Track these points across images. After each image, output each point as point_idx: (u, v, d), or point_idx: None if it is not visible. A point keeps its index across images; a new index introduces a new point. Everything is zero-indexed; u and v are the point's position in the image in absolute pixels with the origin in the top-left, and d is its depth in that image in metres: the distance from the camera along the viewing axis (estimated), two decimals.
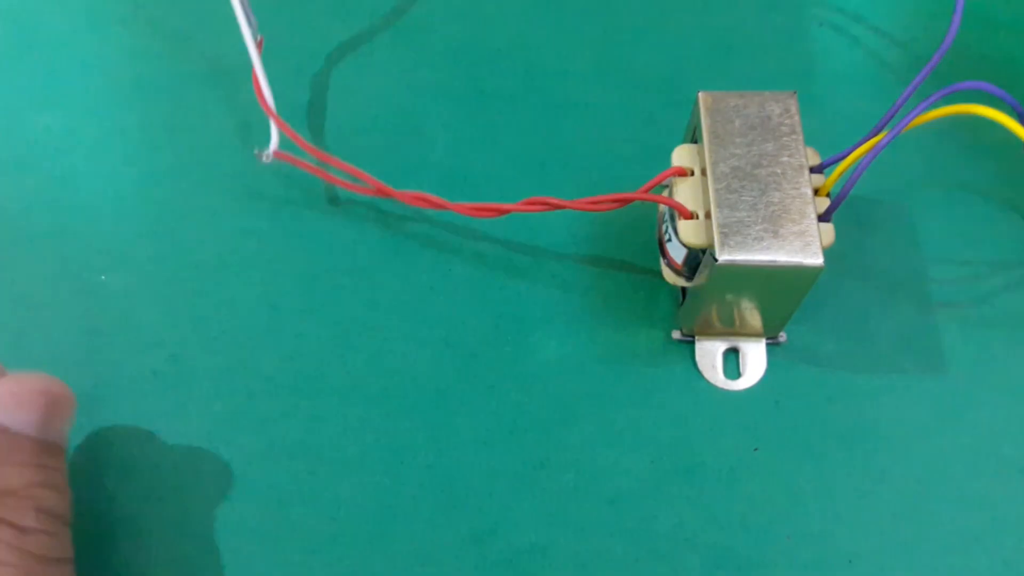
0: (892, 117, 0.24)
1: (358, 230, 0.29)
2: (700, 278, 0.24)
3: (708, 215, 0.23)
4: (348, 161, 0.27)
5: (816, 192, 0.24)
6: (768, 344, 0.27)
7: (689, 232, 0.24)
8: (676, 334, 0.27)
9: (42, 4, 0.34)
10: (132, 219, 0.29)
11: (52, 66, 0.32)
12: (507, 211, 0.26)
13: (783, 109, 0.24)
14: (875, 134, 0.24)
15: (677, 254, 0.25)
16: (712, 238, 0.23)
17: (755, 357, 0.27)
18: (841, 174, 0.24)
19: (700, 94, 0.25)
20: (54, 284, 0.28)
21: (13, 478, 0.21)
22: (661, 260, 0.26)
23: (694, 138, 0.25)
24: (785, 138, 0.24)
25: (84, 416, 0.26)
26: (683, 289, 0.27)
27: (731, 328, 0.26)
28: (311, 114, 0.31)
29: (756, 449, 0.26)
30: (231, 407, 0.26)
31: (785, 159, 0.24)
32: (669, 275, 0.26)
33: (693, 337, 0.27)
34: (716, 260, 0.22)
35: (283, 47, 0.32)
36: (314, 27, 0.33)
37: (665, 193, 0.25)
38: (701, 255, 0.24)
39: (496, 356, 0.27)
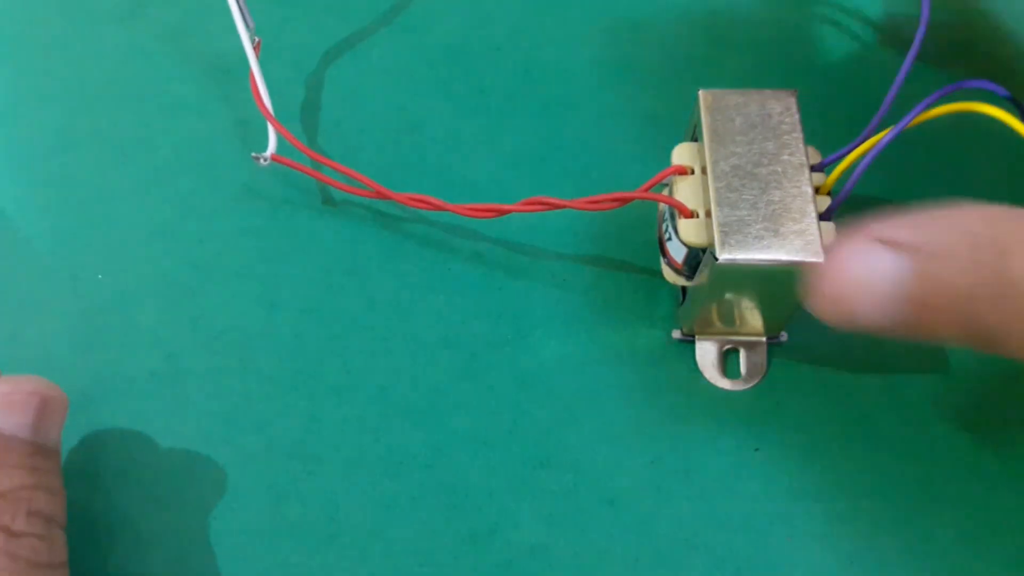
0: (885, 112, 0.24)
1: (357, 230, 0.29)
2: (700, 277, 0.24)
3: (708, 214, 0.23)
4: (347, 158, 0.27)
5: (817, 191, 0.24)
6: (769, 344, 0.27)
7: (689, 231, 0.24)
8: (676, 334, 0.27)
9: (40, 2, 0.33)
10: (129, 218, 0.29)
11: (49, 65, 0.32)
12: (506, 211, 0.26)
13: (784, 107, 0.24)
14: (872, 131, 0.24)
15: (677, 253, 0.25)
16: (712, 237, 0.23)
17: (756, 357, 0.27)
18: (842, 172, 0.24)
19: (700, 92, 0.24)
20: (51, 283, 0.28)
21: (4, 480, 0.21)
22: (661, 259, 0.26)
23: (694, 136, 0.25)
24: (786, 136, 0.24)
25: (81, 416, 0.26)
26: (683, 289, 0.27)
27: (732, 328, 0.26)
28: (309, 112, 0.31)
29: (756, 449, 0.26)
30: (229, 407, 0.26)
31: (786, 157, 0.23)
32: (669, 274, 0.26)
33: (693, 337, 0.27)
34: (716, 259, 0.22)
35: (281, 45, 0.32)
36: (312, 24, 0.33)
37: (665, 192, 0.25)
38: (701, 254, 0.24)
39: (496, 356, 0.27)
